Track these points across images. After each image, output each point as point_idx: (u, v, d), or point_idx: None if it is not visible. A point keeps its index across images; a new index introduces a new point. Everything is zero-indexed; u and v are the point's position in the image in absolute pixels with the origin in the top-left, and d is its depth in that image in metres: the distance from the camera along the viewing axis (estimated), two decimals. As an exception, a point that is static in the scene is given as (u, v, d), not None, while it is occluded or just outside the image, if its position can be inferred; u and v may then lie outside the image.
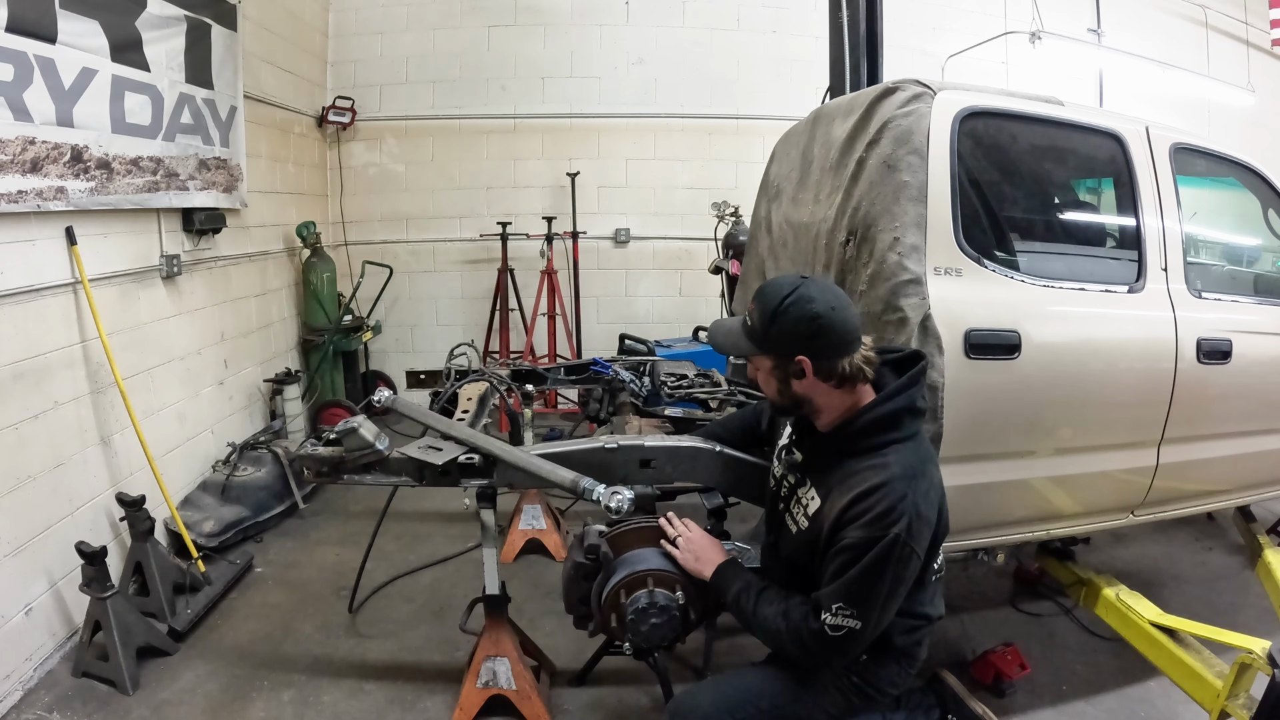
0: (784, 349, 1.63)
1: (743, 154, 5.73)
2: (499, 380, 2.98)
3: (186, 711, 2.52)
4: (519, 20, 5.80)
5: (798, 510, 1.74)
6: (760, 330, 1.66)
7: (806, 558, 1.69)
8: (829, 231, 2.32)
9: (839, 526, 1.58)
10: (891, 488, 1.54)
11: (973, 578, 3.39)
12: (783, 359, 1.65)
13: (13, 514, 2.60)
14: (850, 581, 1.53)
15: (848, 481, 1.60)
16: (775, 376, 1.68)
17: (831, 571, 1.57)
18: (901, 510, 1.52)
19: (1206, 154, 2.70)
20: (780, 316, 1.62)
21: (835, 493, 1.62)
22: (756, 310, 1.68)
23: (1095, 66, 6.44)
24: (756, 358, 1.71)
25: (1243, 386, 2.54)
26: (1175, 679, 2.25)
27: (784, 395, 1.69)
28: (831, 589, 1.56)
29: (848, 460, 1.64)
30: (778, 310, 1.62)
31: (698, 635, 2.18)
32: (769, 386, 1.72)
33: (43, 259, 2.79)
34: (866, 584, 1.52)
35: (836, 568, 1.56)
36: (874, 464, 1.59)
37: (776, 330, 1.63)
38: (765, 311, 1.65)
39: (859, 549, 1.52)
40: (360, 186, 5.93)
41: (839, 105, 2.54)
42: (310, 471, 2.22)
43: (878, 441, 1.62)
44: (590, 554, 1.95)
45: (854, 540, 1.53)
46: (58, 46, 2.70)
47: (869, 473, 1.58)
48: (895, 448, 1.61)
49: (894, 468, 1.58)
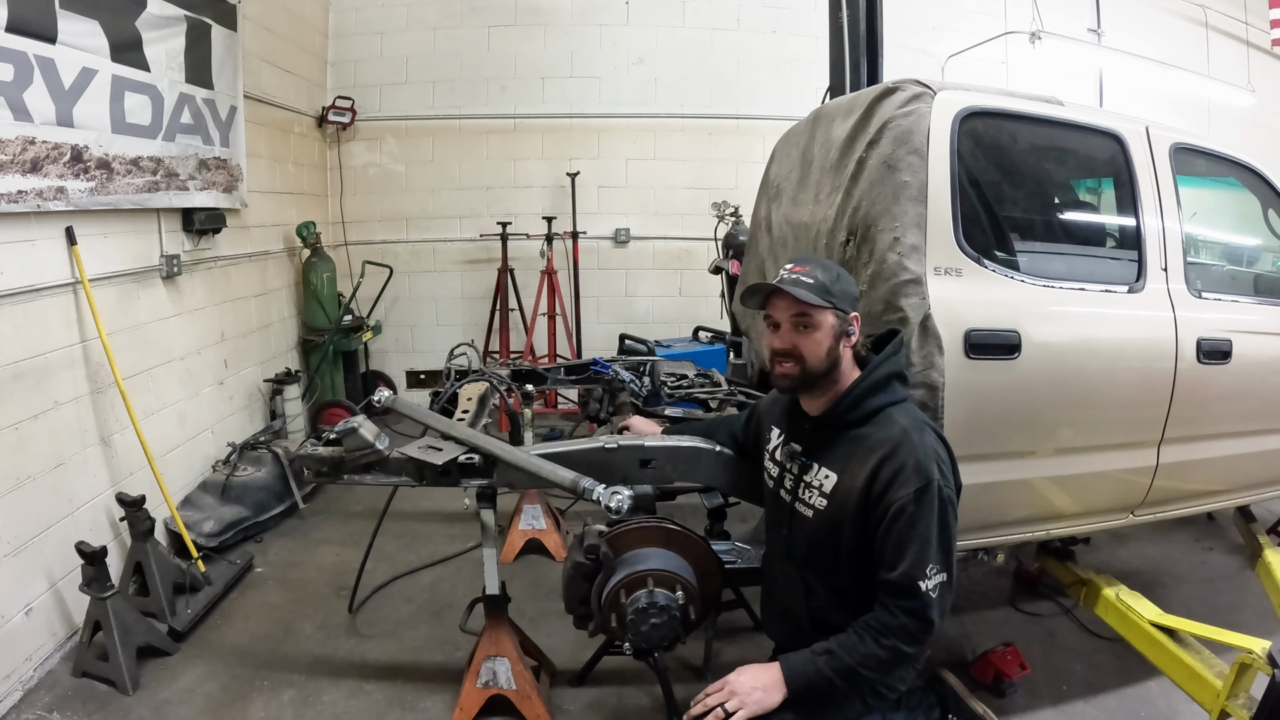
0: (846, 305, 1.72)
1: (743, 154, 5.72)
2: (499, 380, 2.98)
3: (186, 711, 2.52)
4: (519, 20, 5.80)
5: (810, 495, 1.75)
6: (830, 285, 1.70)
7: (831, 536, 1.70)
8: (829, 231, 2.32)
9: (874, 493, 1.61)
10: (910, 440, 1.61)
11: (973, 578, 3.39)
12: (842, 317, 1.71)
13: (13, 514, 2.60)
14: (926, 540, 1.56)
15: (861, 449, 1.66)
16: (833, 334, 1.71)
17: (896, 542, 1.58)
18: (929, 458, 1.60)
19: (1206, 154, 2.70)
20: (843, 277, 1.75)
21: (853, 462, 1.67)
22: (819, 269, 1.72)
23: (1095, 66, 6.44)
24: (820, 313, 1.70)
25: (1243, 386, 2.54)
26: (1175, 679, 2.25)
27: (831, 355, 1.71)
28: (913, 558, 1.56)
29: (850, 431, 1.71)
30: (840, 271, 1.76)
31: (698, 635, 2.18)
32: (821, 345, 1.70)
33: (43, 259, 2.79)
34: (935, 535, 1.57)
35: (902, 535, 1.58)
36: (881, 427, 1.67)
37: (842, 288, 1.72)
38: (830, 270, 1.73)
39: (914, 506, 1.56)
40: (360, 186, 5.93)
41: (839, 105, 2.54)
42: (310, 471, 2.22)
43: (875, 405, 1.70)
44: (590, 554, 1.95)
45: (905, 500, 1.57)
46: (58, 46, 2.70)
47: (880, 436, 1.65)
48: (892, 409, 1.70)
49: (902, 422, 1.66)
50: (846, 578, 1.71)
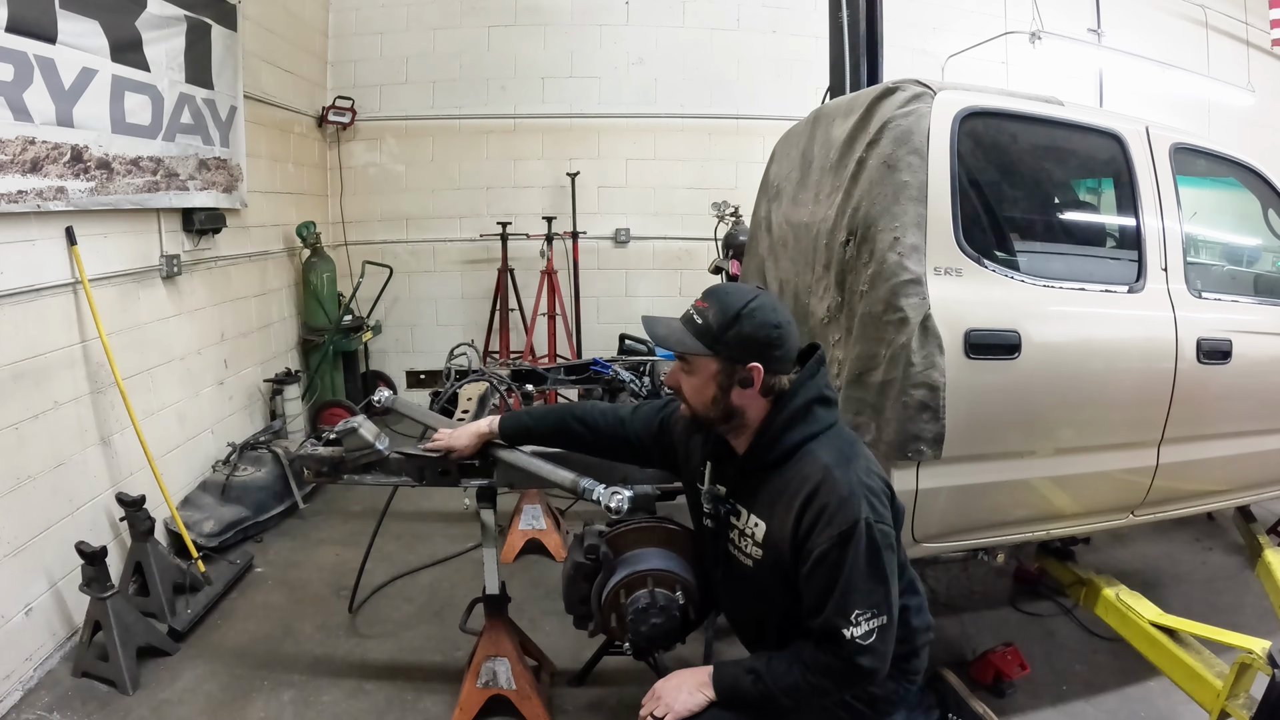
0: (738, 354, 1.54)
1: (743, 154, 5.73)
2: (499, 380, 2.99)
3: (186, 711, 2.51)
4: (519, 20, 5.80)
5: (744, 542, 1.66)
6: (716, 330, 1.54)
7: (776, 581, 1.60)
8: (829, 231, 2.32)
9: (802, 538, 1.51)
10: (833, 479, 1.49)
11: (973, 578, 3.39)
12: (732, 365, 1.55)
13: (13, 514, 2.60)
14: (849, 586, 1.46)
15: (785, 493, 1.54)
16: (716, 382, 1.56)
17: (821, 588, 1.49)
18: (854, 495, 1.47)
19: (1206, 154, 2.70)
20: (743, 319, 1.53)
21: (779, 508, 1.56)
22: (713, 308, 1.55)
23: (1095, 66, 6.44)
24: (698, 359, 1.57)
25: (1243, 387, 2.54)
26: (1175, 679, 2.25)
27: (718, 405, 1.58)
28: (835, 604, 1.47)
29: (773, 474, 1.58)
30: (741, 312, 1.53)
31: (697, 635, 2.18)
32: (703, 393, 1.58)
33: (43, 259, 2.79)
34: (866, 578, 1.46)
35: (825, 582, 1.48)
36: (801, 466, 1.54)
37: (735, 333, 1.53)
38: (726, 311, 1.54)
39: (836, 550, 1.46)
40: (360, 186, 5.93)
41: (839, 105, 2.54)
42: (310, 471, 2.22)
43: (794, 440, 1.56)
44: (590, 554, 1.95)
45: (828, 544, 1.46)
46: (58, 46, 2.69)
47: (802, 476, 1.53)
48: (816, 442, 1.57)
49: (823, 459, 1.53)
50: (796, 621, 1.60)
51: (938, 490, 2.17)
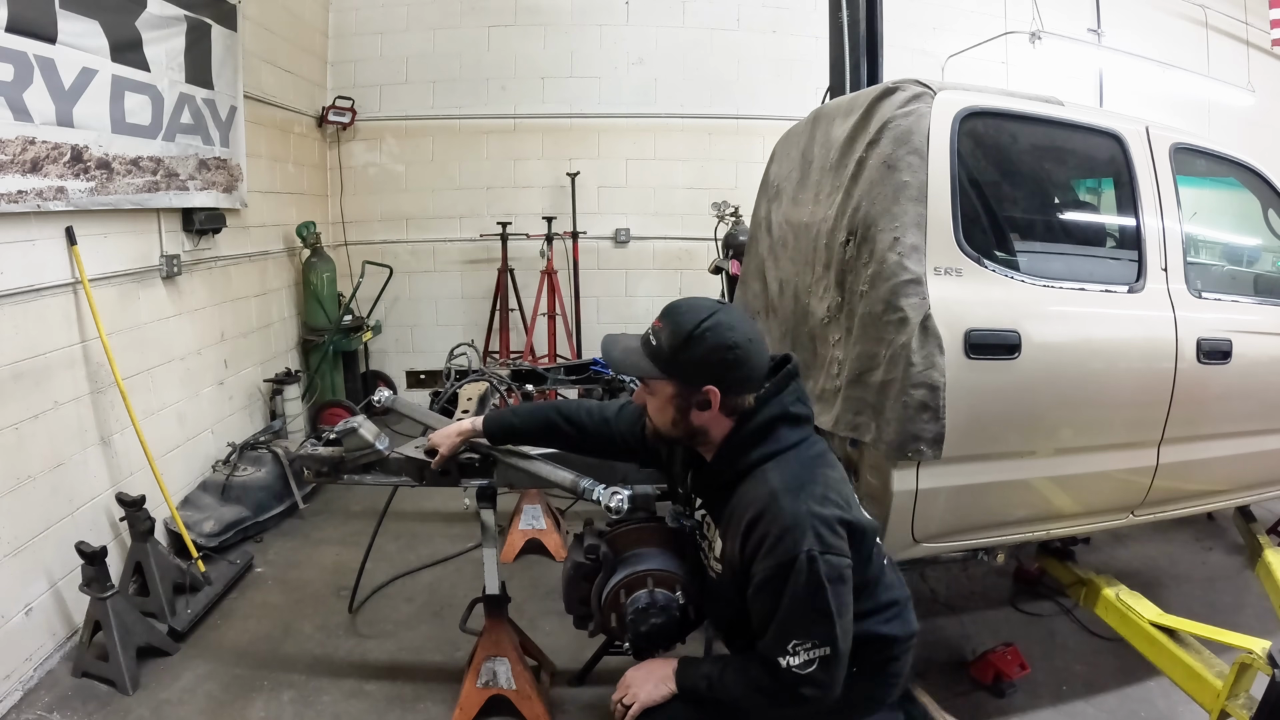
0: (692, 377, 1.50)
1: (743, 154, 5.72)
2: (499, 380, 2.99)
3: (186, 711, 2.52)
4: (519, 20, 5.80)
5: (710, 554, 1.66)
6: (669, 352, 1.50)
7: (735, 596, 1.56)
8: (829, 231, 2.32)
9: (746, 563, 1.48)
10: (778, 506, 1.43)
11: (973, 578, 3.39)
12: (688, 388, 1.51)
13: (13, 514, 2.60)
14: (787, 617, 1.42)
15: (736, 512, 1.51)
16: (674, 405, 1.53)
17: (762, 614, 1.46)
18: (798, 526, 1.41)
19: (1206, 154, 2.70)
20: (695, 341, 1.47)
21: (731, 527, 1.53)
22: (667, 330, 1.51)
23: (1095, 66, 6.44)
24: (655, 382, 1.55)
25: (1243, 387, 2.54)
26: (1175, 679, 2.25)
27: (678, 426, 1.56)
28: (774, 633, 1.44)
29: (733, 490, 1.54)
30: (693, 334, 1.47)
31: (697, 635, 2.18)
32: (663, 415, 1.57)
33: (43, 259, 2.79)
34: (805, 611, 1.41)
35: (765, 609, 1.45)
36: (754, 488, 1.49)
37: (688, 356, 1.48)
38: (678, 333, 1.49)
39: (775, 581, 1.42)
40: (360, 186, 5.93)
41: (839, 105, 2.54)
42: (310, 471, 2.22)
43: (754, 459, 1.52)
44: (590, 554, 1.95)
45: (767, 574, 1.43)
46: (58, 46, 2.69)
47: (751, 497, 1.49)
48: (773, 463, 1.51)
49: (774, 483, 1.47)
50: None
51: (938, 490, 2.17)
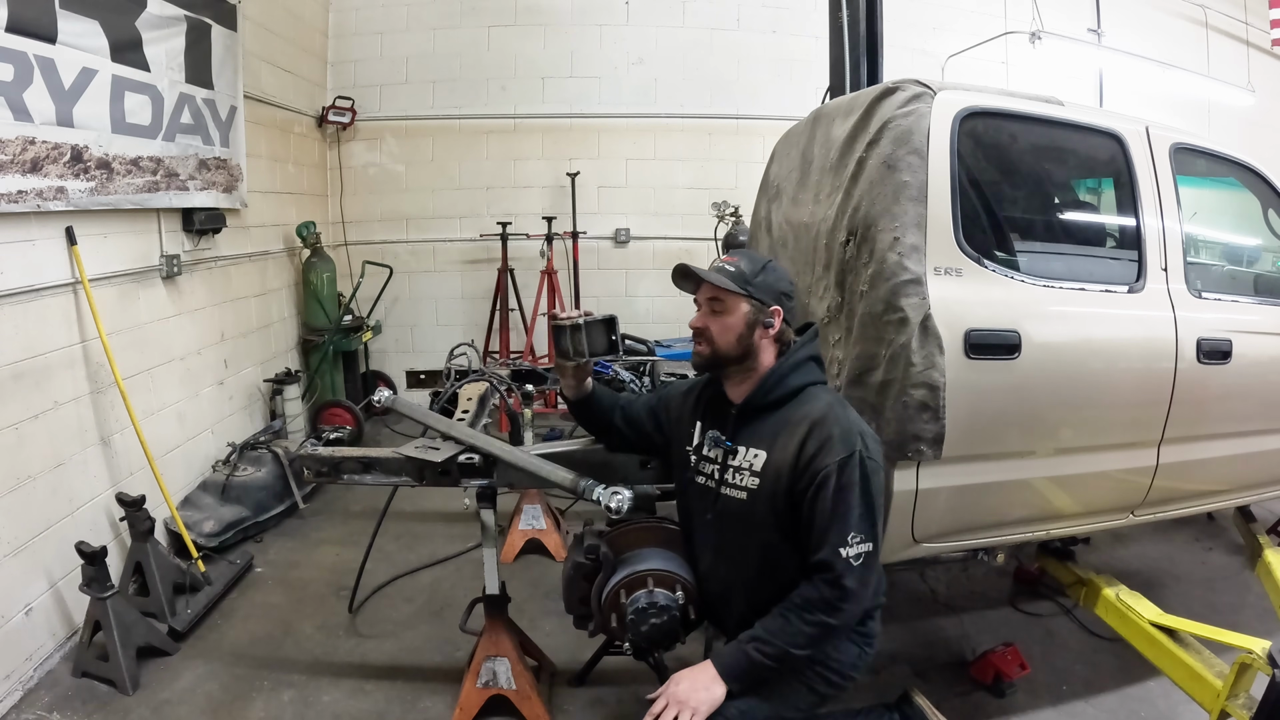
0: (766, 297, 1.79)
1: (743, 154, 5.73)
2: (499, 380, 2.99)
3: (186, 711, 2.51)
4: (519, 20, 5.81)
5: (740, 477, 1.80)
6: (749, 275, 1.79)
7: (767, 512, 1.75)
8: (829, 231, 2.32)
9: (802, 461, 1.68)
10: (835, 414, 1.72)
11: (973, 578, 3.39)
12: (760, 307, 1.78)
13: (13, 514, 2.60)
14: (847, 508, 1.63)
15: (789, 424, 1.75)
16: (745, 320, 1.78)
17: (822, 509, 1.65)
18: (855, 429, 1.70)
19: (1206, 154, 2.70)
20: (769, 270, 1.82)
21: (781, 438, 1.74)
22: (744, 260, 1.82)
23: (1095, 66, 6.45)
24: (731, 298, 1.78)
25: (1243, 387, 2.54)
26: (1175, 679, 2.25)
27: (742, 342, 1.78)
28: (837, 525, 1.63)
29: (775, 411, 1.79)
30: (768, 264, 1.83)
31: (697, 635, 2.18)
32: (728, 334, 1.78)
33: (43, 259, 2.79)
34: (858, 503, 1.64)
35: (825, 504, 1.64)
36: (806, 403, 1.77)
37: (763, 279, 1.79)
38: (756, 261, 1.82)
39: (836, 476, 1.64)
40: (360, 186, 5.93)
41: (839, 105, 2.54)
42: (310, 471, 2.22)
43: (797, 383, 1.79)
44: (590, 554, 1.95)
45: (828, 469, 1.64)
46: (58, 46, 2.69)
47: (805, 410, 1.74)
48: (814, 388, 1.81)
49: (825, 398, 1.78)
50: (781, 551, 1.76)
51: (938, 490, 2.17)
